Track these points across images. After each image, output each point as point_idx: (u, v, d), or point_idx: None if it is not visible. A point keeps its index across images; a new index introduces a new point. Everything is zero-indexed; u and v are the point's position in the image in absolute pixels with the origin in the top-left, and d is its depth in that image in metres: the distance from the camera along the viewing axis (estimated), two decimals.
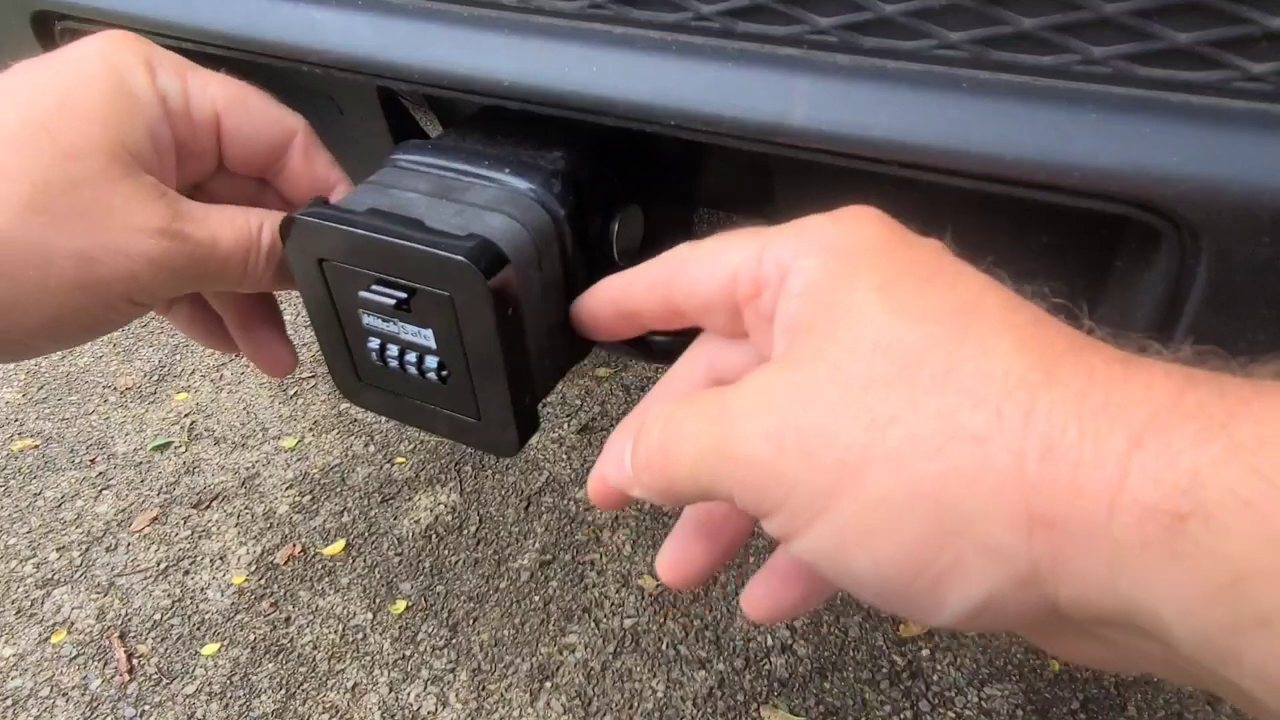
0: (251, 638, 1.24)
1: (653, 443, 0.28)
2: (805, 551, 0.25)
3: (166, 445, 1.56)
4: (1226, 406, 0.20)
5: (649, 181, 0.50)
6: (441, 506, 1.42)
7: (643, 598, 1.26)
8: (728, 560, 0.34)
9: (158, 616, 1.28)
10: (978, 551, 0.22)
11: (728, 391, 0.27)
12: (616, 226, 0.46)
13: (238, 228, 0.38)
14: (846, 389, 0.24)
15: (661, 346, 0.57)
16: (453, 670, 1.19)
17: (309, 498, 1.45)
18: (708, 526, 0.34)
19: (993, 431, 0.22)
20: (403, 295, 0.36)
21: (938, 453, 0.22)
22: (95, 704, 1.17)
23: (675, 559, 0.34)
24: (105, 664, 1.22)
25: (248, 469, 1.50)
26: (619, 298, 0.35)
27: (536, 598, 1.27)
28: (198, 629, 1.26)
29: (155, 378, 1.71)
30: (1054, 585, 0.22)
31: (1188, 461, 0.20)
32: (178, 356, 1.76)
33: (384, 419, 1.52)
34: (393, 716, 1.14)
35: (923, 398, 0.23)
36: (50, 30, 0.53)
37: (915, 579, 0.23)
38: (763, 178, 0.50)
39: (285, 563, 1.34)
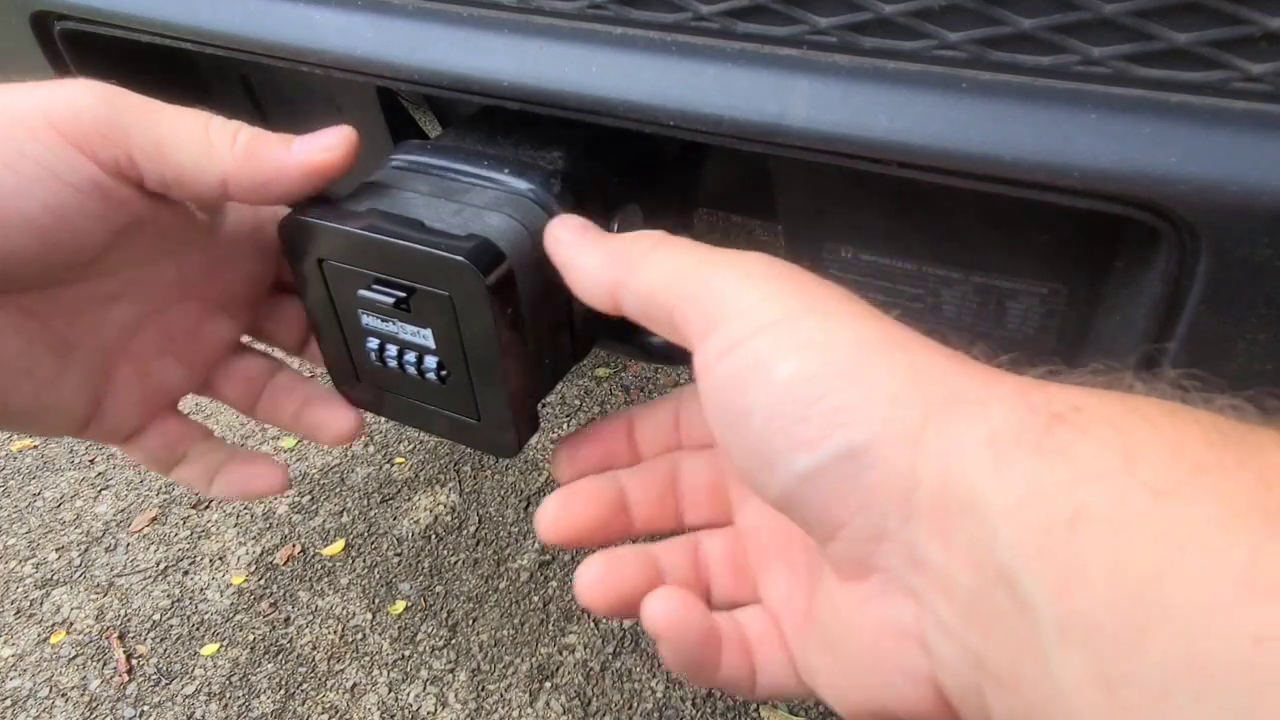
0: (251, 638, 1.24)
1: (641, 243, 0.32)
2: (733, 365, 0.27)
3: None
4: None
5: (649, 181, 0.50)
6: (441, 507, 1.41)
7: None
8: (596, 536, 0.37)
9: (157, 617, 1.28)
10: (882, 396, 0.25)
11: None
12: (616, 226, 0.46)
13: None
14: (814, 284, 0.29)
15: (661, 348, 0.57)
16: (452, 670, 1.19)
17: (308, 498, 1.45)
18: (608, 499, 0.37)
19: (934, 346, 0.27)
20: (402, 295, 0.36)
21: (875, 316, 0.27)
22: (94, 704, 1.17)
23: (562, 504, 0.37)
24: (104, 664, 1.22)
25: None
26: None
27: (536, 598, 1.27)
28: (197, 629, 1.26)
29: None
30: (928, 454, 0.24)
31: (1081, 394, 0.24)
32: None
33: (383, 419, 1.52)
34: (392, 717, 1.14)
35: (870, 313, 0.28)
36: (49, 30, 0.53)
37: (816, 402, 0.25)
38: (762, 178, 0.50)
39: (285, 563, 1.34)
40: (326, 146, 0.35)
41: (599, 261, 0.33)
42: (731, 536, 0.38)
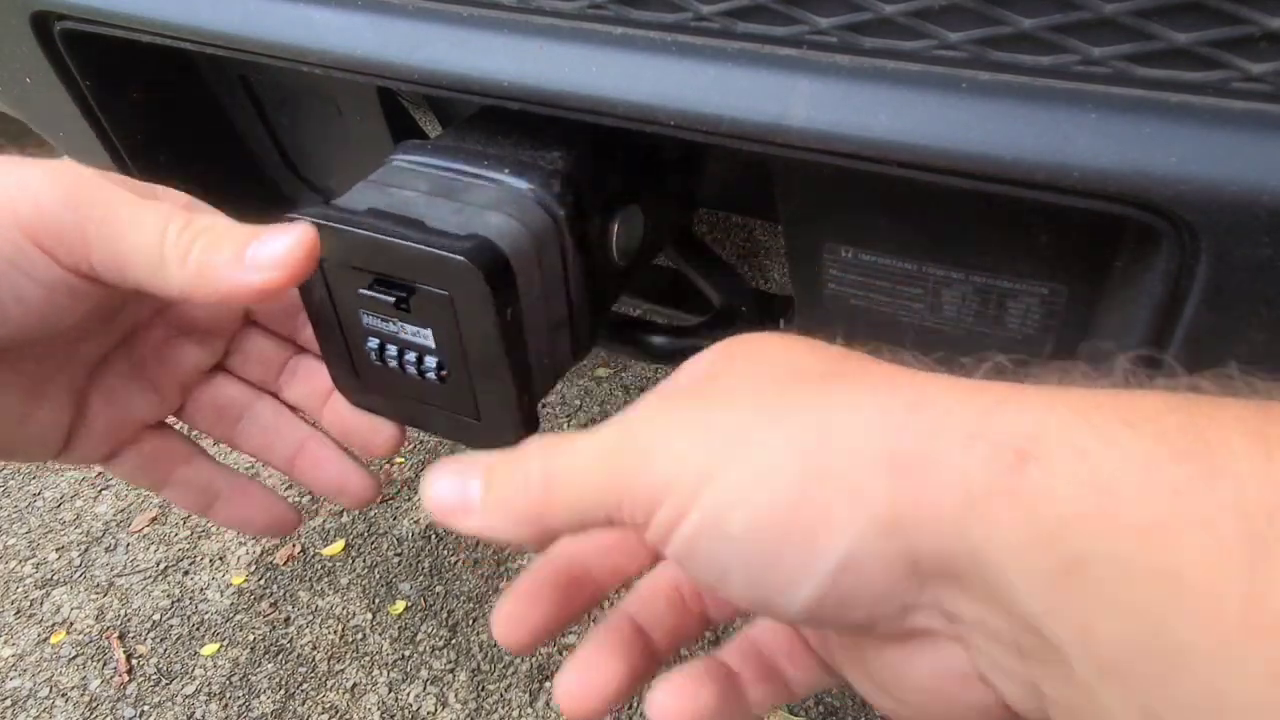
0: (251, 638, 1.24)
1: (533, 472, 0.28)
2: (685, 536, 0.26)
3: None
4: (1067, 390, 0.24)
5: (649, 181, 0.50)
6: None
7: None
8: (566, 624, 0.34)
9: (157, 617, 1.28)
10: (843, 495, 0.24)
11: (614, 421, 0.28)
12: (616, 226, 0.46)
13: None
14: (734, 391, 0.28)
15: (661, 348, 0.57)
16: (452, 670, 1.19)
17: (308, 498, 1.45)
18: (564, 583, 0.34)
19: (865, 399, 0.25)
20: (402, 294, 0.36)
21: (810, 409, 0.26)
22: (94, 704, 1.17)
23: (512, 613, 0.33)
24: (104, 664, 1.22)
25: (247, 469, 1.50)
26: None
27: None
28: (197, 629, 1.26)
29: None
30: (913, 531, 0.23)
31: (1036, 415, 0.22)
32: None
33: None
34: (392, 717, 1.14)
35: (803, 384, 0.27)
36: (50, 30, 0.53)
37: (786, 536, 0.24)
38: (762, 178, 0.50)
39: (285, 563, 1.34)
40: (278, 264, 0.32)
41: (503, 519, 0.29)
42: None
